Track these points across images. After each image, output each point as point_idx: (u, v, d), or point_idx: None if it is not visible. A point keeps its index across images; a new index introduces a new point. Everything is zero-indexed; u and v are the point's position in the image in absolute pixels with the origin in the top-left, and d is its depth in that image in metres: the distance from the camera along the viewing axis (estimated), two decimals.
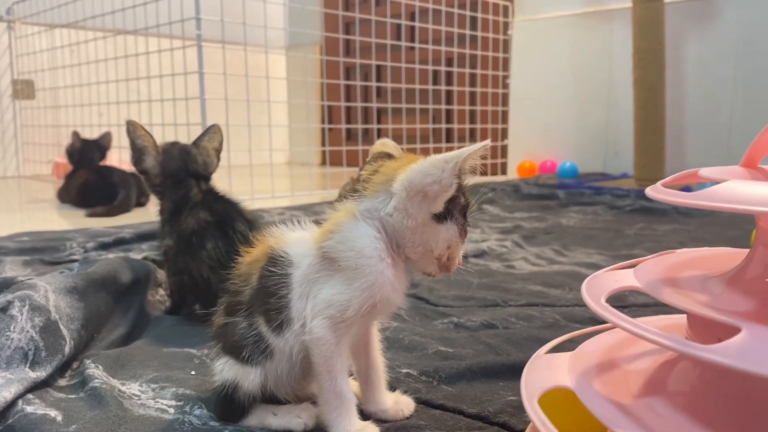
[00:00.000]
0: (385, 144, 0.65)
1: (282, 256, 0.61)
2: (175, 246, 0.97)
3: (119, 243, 1.44)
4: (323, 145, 3.69)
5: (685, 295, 0.46)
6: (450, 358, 0.80)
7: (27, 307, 0.72)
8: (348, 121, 3.69)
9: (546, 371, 0.55)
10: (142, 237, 1.48)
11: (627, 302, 1.05)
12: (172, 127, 2.24)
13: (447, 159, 0.56)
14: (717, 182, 0.44)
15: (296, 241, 0.62)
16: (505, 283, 1.18)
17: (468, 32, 3.15)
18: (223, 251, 0.94)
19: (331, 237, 0.58)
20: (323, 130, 3.54)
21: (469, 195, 0.60)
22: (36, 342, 0.70)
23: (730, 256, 0.55)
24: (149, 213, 2.08)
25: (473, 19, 3.27)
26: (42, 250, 1.35)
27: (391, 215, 0.57)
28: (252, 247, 0.65)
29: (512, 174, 3.20)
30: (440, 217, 0.57)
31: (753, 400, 0.43)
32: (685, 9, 2.63)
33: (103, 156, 2.31)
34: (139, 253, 1.30)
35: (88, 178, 2.21)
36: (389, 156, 0.62)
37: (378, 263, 0.57)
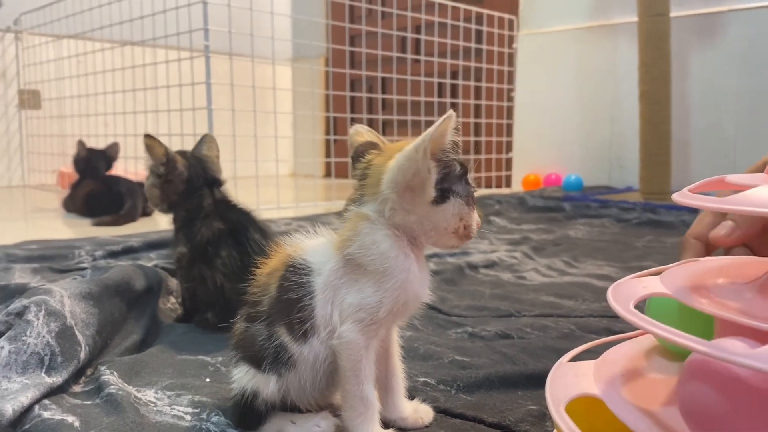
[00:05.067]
0: (359, 133, 0.63)
1: (301, 264, 0.60)
2: (189, 254, 0.97)
3: (128, 251, 1.43)
4: (327, 156, 3.70)
5: (716, 301, 0.46)
6: (467, 367, 0.79)
7: (43, 312, 0.72)
8: None
9: (571, 379, 0.54)
10: (151, 246, 1.47)
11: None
12: (179, 137, 2.25)
13: (416, 147, 0.55)
14: (744, 188, 0.44)
15: (315, 249, 0.61)
16: (517, 294, 1.18)
17: (473, 45, 3.16)
18: (237, 260, 0.94)
19: (352, 243, 0.58)
20: (328, 141, 3.55)
21: (463, 160, 0.58)
22: (52, 347, 0.69)
23: (756, 264, 0.55)
24: (156, 222, 2.08)
25: (478, 33, 3.28)
26: (51, 258, 1.35)
27: (392, 216, 0.57)
28: (269, 257, 0.64)
29: (517, 187, 3.20)
30: (440, 199, 0.56)
31: None
32: (691, 23, 2.65)
33: (109, 166, 2.31)
34: (148, 262, 1.29)
35: (94, 188, 2.21)
36: (374, 146, 0.61)
37: (404, 261, 0.57)
